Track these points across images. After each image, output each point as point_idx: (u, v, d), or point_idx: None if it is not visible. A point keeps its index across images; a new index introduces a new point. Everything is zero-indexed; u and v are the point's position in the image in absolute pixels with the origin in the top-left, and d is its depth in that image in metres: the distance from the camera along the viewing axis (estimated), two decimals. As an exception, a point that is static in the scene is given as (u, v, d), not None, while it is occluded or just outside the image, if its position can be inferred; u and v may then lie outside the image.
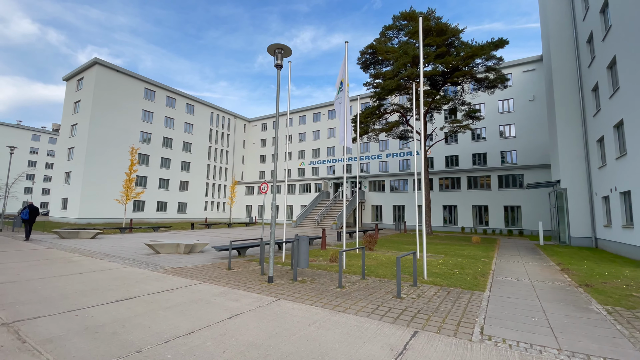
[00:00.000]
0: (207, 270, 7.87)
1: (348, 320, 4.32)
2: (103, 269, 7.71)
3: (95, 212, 30.10)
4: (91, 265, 8.26)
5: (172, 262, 8.97)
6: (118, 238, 16.23)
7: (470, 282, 7.10)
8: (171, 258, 9.82)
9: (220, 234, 20.77)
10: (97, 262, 8.69)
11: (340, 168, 39.48)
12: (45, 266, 7.93)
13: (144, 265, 8.36)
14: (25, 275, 6.77)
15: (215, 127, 44.44)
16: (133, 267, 8.16)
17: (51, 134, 60.93)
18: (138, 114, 34.50)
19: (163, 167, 36.85)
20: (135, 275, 7.12)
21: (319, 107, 42.95)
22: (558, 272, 8.82)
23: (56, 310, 4.51)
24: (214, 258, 10.08)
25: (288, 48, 7.12)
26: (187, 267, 8.27)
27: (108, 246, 12.53)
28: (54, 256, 9.61)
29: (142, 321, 4.10)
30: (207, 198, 42.23)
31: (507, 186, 27.19)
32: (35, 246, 12.05)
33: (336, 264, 9.43)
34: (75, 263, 8.51)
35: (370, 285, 6.57)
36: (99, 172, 30.55)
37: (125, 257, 9.68)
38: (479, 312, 4.91)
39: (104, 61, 31.59)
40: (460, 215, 28.48)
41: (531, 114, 28.93)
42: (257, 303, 5.06)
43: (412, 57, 17.67)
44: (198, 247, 11.59)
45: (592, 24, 15.56)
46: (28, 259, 8.92)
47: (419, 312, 4.76)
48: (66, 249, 11.44)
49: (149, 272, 7.53)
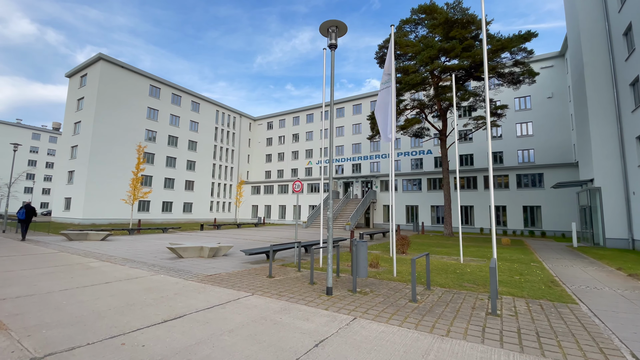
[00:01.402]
0: (247, 278, 6.98)
1: (463, 349, 3.45)
2: (129, 277, 6.81)
3: (100, 212, 29.11)
4: (114, 272, 7.36)
5: (201, 268, 8.08)
6: (129, 240, 15.30)
7: (549, 293, 6.25)
8: (197, 263, 8.92)
9: (233, 235, 19.86)
10: (119, 269, 7.78)
11: (349, 167, 38.59)
12: (63, 274, 7.03)
13: (174, 272, 7.46)
14: (43, 287, 5.87)
15: (220, 125, 43.49)
16: (162, 274, 7.26)
17: (52, 133, 59.81)
18: (143, 111, 33.53)
19: (168, 166, 35.88)
20: (169, 285, 6.23)
21: (327, 105, 42.06)
22: (627, 278, 7.98)
23: (95, 336, 3.61)
24: (243, 263, 9.19)
25: (343, 25, 6.25)
26: (222, 274, 7.38)
27: (123, 249, 11.62)
28: (69, 261, 8.70)
29: (211, 353, 3.22)
30: (212, 198, 41.27)
31: (526, 186, 26.39)
32: (44, 249, 11.13)
33: (379, 270, 8.57)
34: (96, 270, 7.60)
35: (444, 298, 5.69)
36: (103, 171, 29.56)
37: (148, 263, 8.78)
38: (604, 332, 4.06)
39: (109, 57, 30.62)
40: (477, 216, 27.66)
41: (549, 112, 28.15)
42: (334, 324, 4.18)
43: (438, 50, 16.81)
44: (222, 250, 10.71)
45: (630, 15, 14.75)
46: (41, 265, 8.00)
47: (540, 336, 3.89)
48: (79, 252, 10.53)
49: (183, 280, 6.64)
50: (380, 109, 9.03)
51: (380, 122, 9.05)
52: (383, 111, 8.92)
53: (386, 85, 8.94)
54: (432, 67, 17.00)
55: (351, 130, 39.21)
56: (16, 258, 9.09)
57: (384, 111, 8.87)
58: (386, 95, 8.89)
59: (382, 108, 8.94)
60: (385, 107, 8.85)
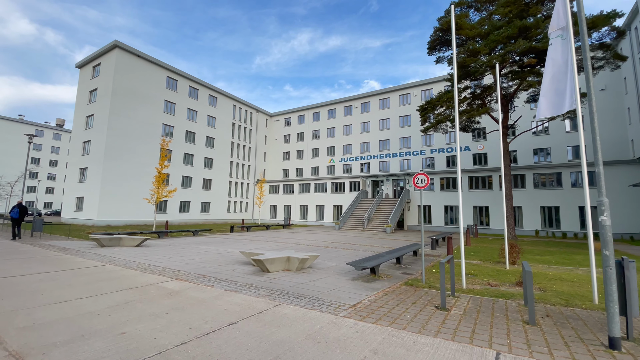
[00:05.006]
0: (406, 311, 4.82)
1: None
2: (249, 312, 4.63)
3: (115, 212, 26.80)
4: (215, 301, 5.17)
5: (319, 290, 5.92)
6: (167, 246, 13.09)
7: None
8: (297, 281, 6.76)
9: (271, 238, 17.62)
10: (214, 294, 5.60)
11: (376, 165, 36.43)
12: (142, 304, 4.84)
13: (296, 300, 5.29)
14: (146, 341, 3.68)
15: (237, 121, 41.22)
16: (282, 302, 5.09)
17: (55, 130, 57.33)
18: (160, 104, 31.23)
19: (186, 163, 33.60)
20: (330, 329, 4.05)
21: (351, 100, 39.94)
22: None
23: None
24: (349, 280, 7.03)
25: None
26: (365, 302, 5.22)
27: (177, 259, 9.42)
28: (132, 282, 6.50)
29: None
30: (230, 197, 39.00)
31: (580, 185, 24.34)
32: (81, 260, 8.92)
33: (545, 292, 6.46)
34: (183, 297, 5.41)
35: None
36: (119, 168, 27.26)
37: (232, 280, 6.61)
38: None
39: (125, 45, 28.32)
40: (525, 217, 25.61)
41: (603, 106, 26.13)
42: None
43: (519, 29, 14.69)
44: (308, 261, 8.54)
45: None
46: (104, 289, 5.81)
47: None
48: (129, 265, 8.33)
49: (333, 316, 4.47)
50: (548, 74, 6.85)
51: (546, 90, 6.84)
52: (552, 75, 6.74)
53: (557, 42, 6.77)
54: (510, 49, 14.87)
55: (378, 126, 37.06)
56: (56, 275, 6.89)
57: (554, 74, 6.70)
58: (558, 55, 6.71)
59: (554, 72, 6.76)
60: (557, 69, 6.67)
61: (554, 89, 6.73)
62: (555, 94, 6.70)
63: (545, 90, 6.87)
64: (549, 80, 6.81)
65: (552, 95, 6.75)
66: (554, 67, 6.90)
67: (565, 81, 6.60)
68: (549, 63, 6.84)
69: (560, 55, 6.77)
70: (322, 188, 36.61)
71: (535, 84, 15.77)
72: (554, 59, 6.80)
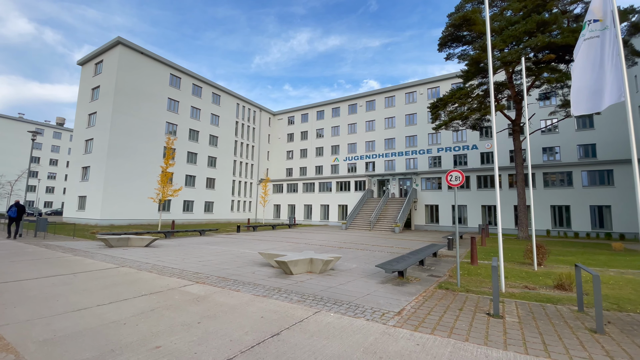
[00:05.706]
0: (458, 319, 4.43)
1: None
2: (288, 321, 4.23)
3: (119, 212, 26.34)
4: (248, 308, 4.77)
5: (351, 295, 5.53)
6: (177, 246, 12.67)
7: None
8: (326, 284, 6.36)
9: (279, 237, 17.21)
10: (243, 299, 5.20)
11: (381, 164, 36.03)
12: (169, 312, 4.44)
13: (333, 306, 4.90)
14: (190, 353, 3.27)
15: (240, 119, 40.76)
16: (323, 310, 4.69)
17: (56, 129, 56.75)
18: (163, 102, 30.75)
19: (189, 162, 33.14)
20: (386, 342, 3.66)
21: (355, 99, 39.52)
22: None
23: None
24: (378, 283, 6.64)
25: None
26: (409, 309, 4.83)
27: (191, 260, 9.01)
28: (151, 285, 6.09)
29: None
30: (233, 197, 38.56)
31: (594, 184, 24.01)
32: (92, 262, 8.51)
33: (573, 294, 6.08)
34: (210, 303, 5.01)
35: None
36: (122, 166, 26.80)
37: (256, 283, 6.21)
38: None
39: (128, 41, 27.84)
40: (536, 217, 25.23)
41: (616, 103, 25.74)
42: None
43: (537, 24, 14.31)
44: (331, 263, 8.14)
45: None
46: (124, 293, 5.40)
47: None
48: (143, 267, 7.92)
49: (381, 326, 4.07)
50: (584, 69, 6.50)
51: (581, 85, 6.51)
52: (590, 69, 6.38)
53: (593, 35, 6.42)
54: (528, 44, 14.47)
55: (383, 125, 36.66)
56: (69, 279, 6.47)
57: (593, 68, 6.34)
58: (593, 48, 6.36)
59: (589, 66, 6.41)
60: (595, 63, 6.31)
61: (590, 84, 6.37)
62: (593, 89, 6.34)
63: (580, 86, 6.52)
64: (586, 76, 6.43)
65: (588, 91, 6.40)
66: (588, 61, 6.55)
67: (603, 75, 6.25)
68: (583, 57, 6.48)
69: (599, 48, 6.41)
70: (327, 187, 36.20)
71: (553, 80, 15.37)
72: (588, 53, 6.46)
